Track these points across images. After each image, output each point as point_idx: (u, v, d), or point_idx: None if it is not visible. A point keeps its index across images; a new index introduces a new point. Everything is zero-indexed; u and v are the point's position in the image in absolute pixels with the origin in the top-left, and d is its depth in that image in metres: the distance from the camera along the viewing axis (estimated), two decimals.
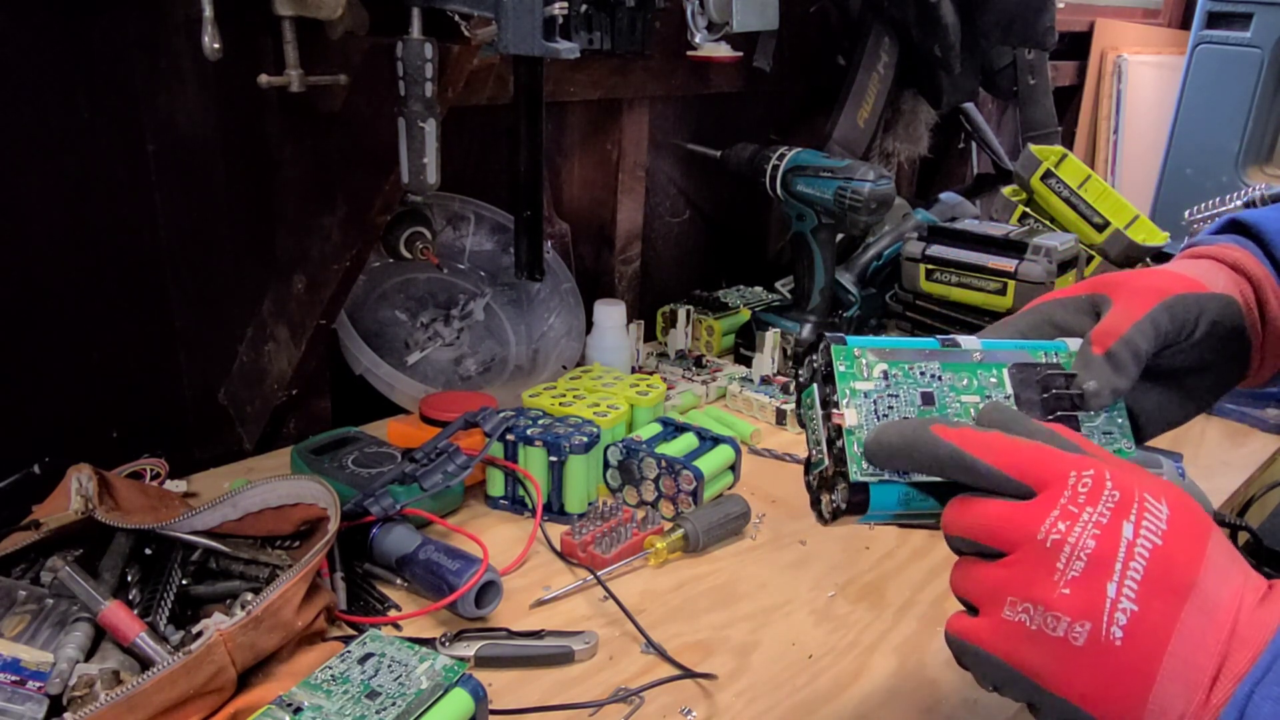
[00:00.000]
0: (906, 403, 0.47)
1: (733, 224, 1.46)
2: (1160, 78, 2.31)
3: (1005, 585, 0.39)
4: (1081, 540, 0.38)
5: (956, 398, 0.48)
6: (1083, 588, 0.37)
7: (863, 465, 0.45)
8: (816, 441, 0.49)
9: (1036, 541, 0.39)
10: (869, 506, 0.45)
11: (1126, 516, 0.38)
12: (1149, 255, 1.24)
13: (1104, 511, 0.38)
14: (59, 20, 0.75)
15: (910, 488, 0.46)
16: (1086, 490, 0.39)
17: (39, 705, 0.53)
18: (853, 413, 0.46)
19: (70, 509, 0.65)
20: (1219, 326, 0.52)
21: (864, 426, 0.46)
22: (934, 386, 0.48)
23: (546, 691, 0.62)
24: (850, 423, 0.46)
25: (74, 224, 0.80)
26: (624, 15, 1.00)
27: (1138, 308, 0.51)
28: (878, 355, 0.48)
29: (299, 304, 0.87)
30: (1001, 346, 0.50)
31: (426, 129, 0.72)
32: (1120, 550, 0.37)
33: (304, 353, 0.88)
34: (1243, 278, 0.55)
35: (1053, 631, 0.38)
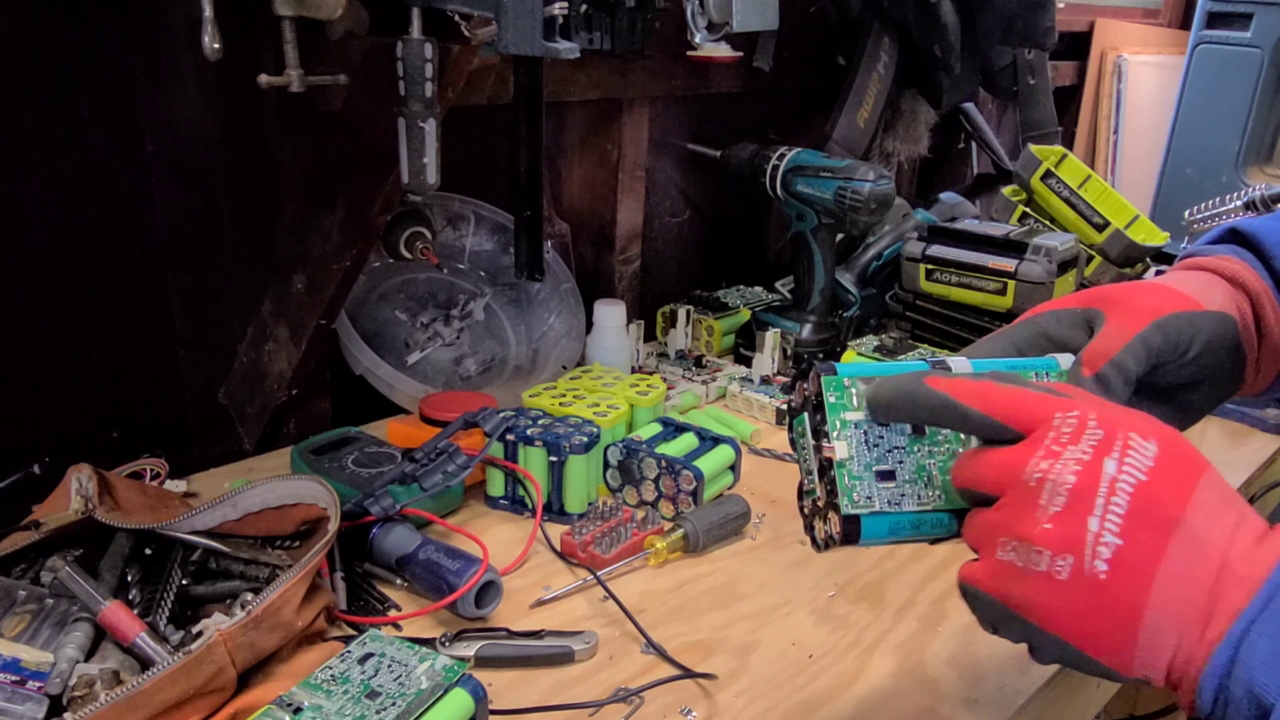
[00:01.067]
0: (897, 432, 0.47)
1: (733, 224, 1.46)
2: (1160, 78, 2.31)
3: (996, 526, 0.41)
4: (1062, 476, 0.38)
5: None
6: (1063, 522, 0.38)
7: (853, 499, 0.46)
8: (809, 470, 0.49)
9: (1021, 481, 0.40)
10: (860, 536, 0.46)
11: (1108, 454, 0.39)
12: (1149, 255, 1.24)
13: (1085, 449, 0.39)
14: (59, 20, 0.75)
15: (900, 515, 0.46)
16: (1071, 430, 0.40)
17: (39, 705, 0.53)
18: (843, 445, 0.46)
19: (70, 509, 0.65)
20: (1214, 344, 0.52)
21: (854, 459, 0.46)
22: None
23: (546, 691, 0.62)
24: (840, 455, 0.46)
25: (74, 224, 0.80)
26: (624, 15, 1.00)
27: (1130, 327, 0.51)
28: (867, 385, 0.48)
29: (299, 304, 0.87)
30: (992, 367, 0.50)
31: (426, 129, 0.72)
32: (1101, 485, 0.38)
33: (304, 353, 0.88)
34: (1240, 292, 0.55)
35: (1037, 566, 0.38)
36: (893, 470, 0.47)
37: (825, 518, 0.47)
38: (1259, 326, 0.54)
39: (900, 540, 0.48)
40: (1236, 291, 0.55)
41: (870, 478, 0.46)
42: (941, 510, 0.47)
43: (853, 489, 0.46)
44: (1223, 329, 0.53)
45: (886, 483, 0.47)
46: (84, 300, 0.82)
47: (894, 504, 0.46)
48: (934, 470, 0.47)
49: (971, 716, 0.62)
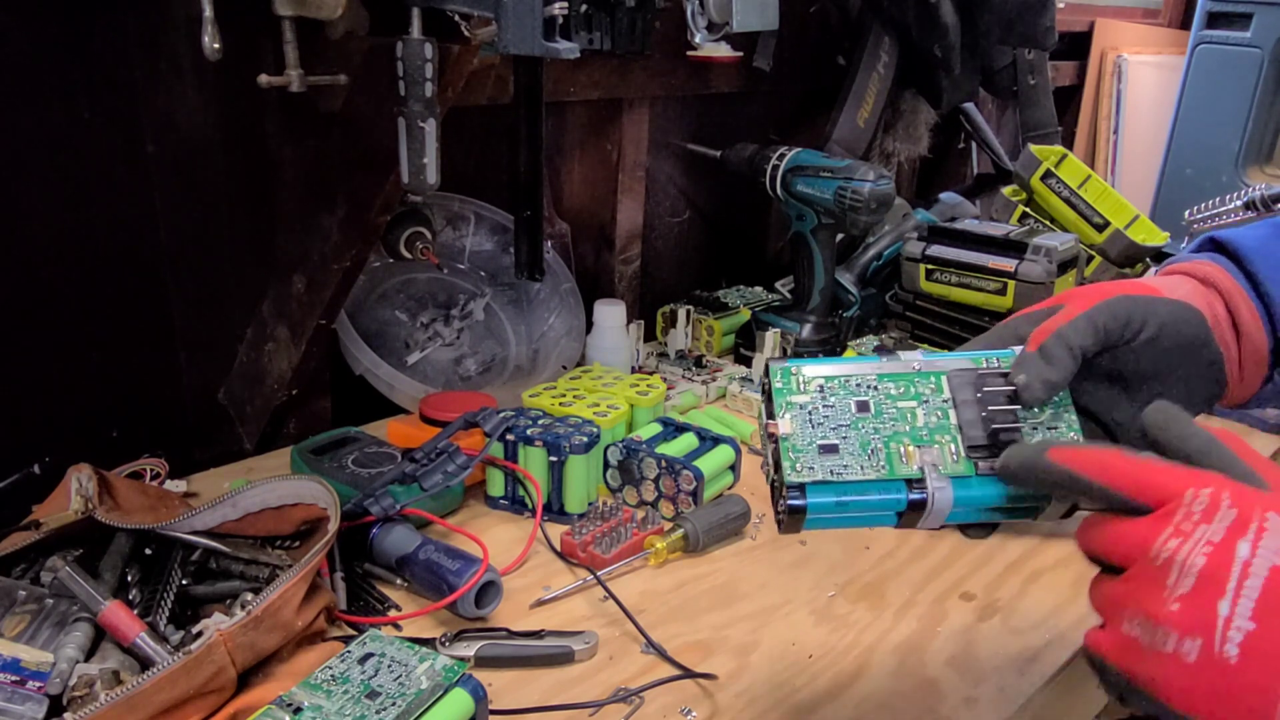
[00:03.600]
0: (841, 410, 0.49)
1: (733, 224, 1.46)
2: (1160, 78, 2.31)
3: (1122, 600, 0.40)
4: (1192, 558, 0.38)
5: (892, 404, 0.50)
6: (1192, 604, 0.37)
7: (796, 468, 0.48)
8: (766, 464, 0.51)
9: (1149, 558, 0.39)
10: (808, 506, 0.47)
11: (1242, 535, 0.38)
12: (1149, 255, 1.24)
13: (1219, 530, 0.38)
14: (59, 20, 0.75)
15: (846, 485, 0.48)
16: (1202, 509, 0.39)
17: (39, 705, 0.53)
18: (786, 421, 0.48)
19: (70, 509, 0.65)
20: (1177, 333, 0.52)
21: (797, 434, 0.48)
22: (869, 395, 0.50)
23: (546, 691, 0.62)
24: (784, 430, 0.48)
25: (74, 224, 0.80)
26: (624, 15, 1.00)
27: (1078, 309, 0.52)
28: (814, 371, 0.50)
29: (299, 304, 0.87)
30: (941, 357, 0.52)
31: (426, 129, 0.72)
32: (1234, 568, 0.37)
33: (304, 353, 0.88)
34: (1212, 291, 0.54)
35: (1164, 647, 0.38)
36: (836, 445, 0.48)
37: (781, 490, 0.48)
38: (1237, 327, 0.54)
39: (852, 516, 0.48)
40: (1208, 290, 0.54)
41: (814, 451, 0.48)
42: (888, 479, 0.48)
43: (796, 460, 0.48)
44: (1184, 316, 0.52)
45: (830, 456, 0.48)
46: (84, 300, 0.82)
47: (837, 474, 0.48)
48: (878, 443, 0.49)
49: (971, 716, 0.62)
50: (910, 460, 0.48)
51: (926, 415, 0.50)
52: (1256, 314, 0.54)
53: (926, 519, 0.49)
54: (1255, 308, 0.54)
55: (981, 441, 0.49)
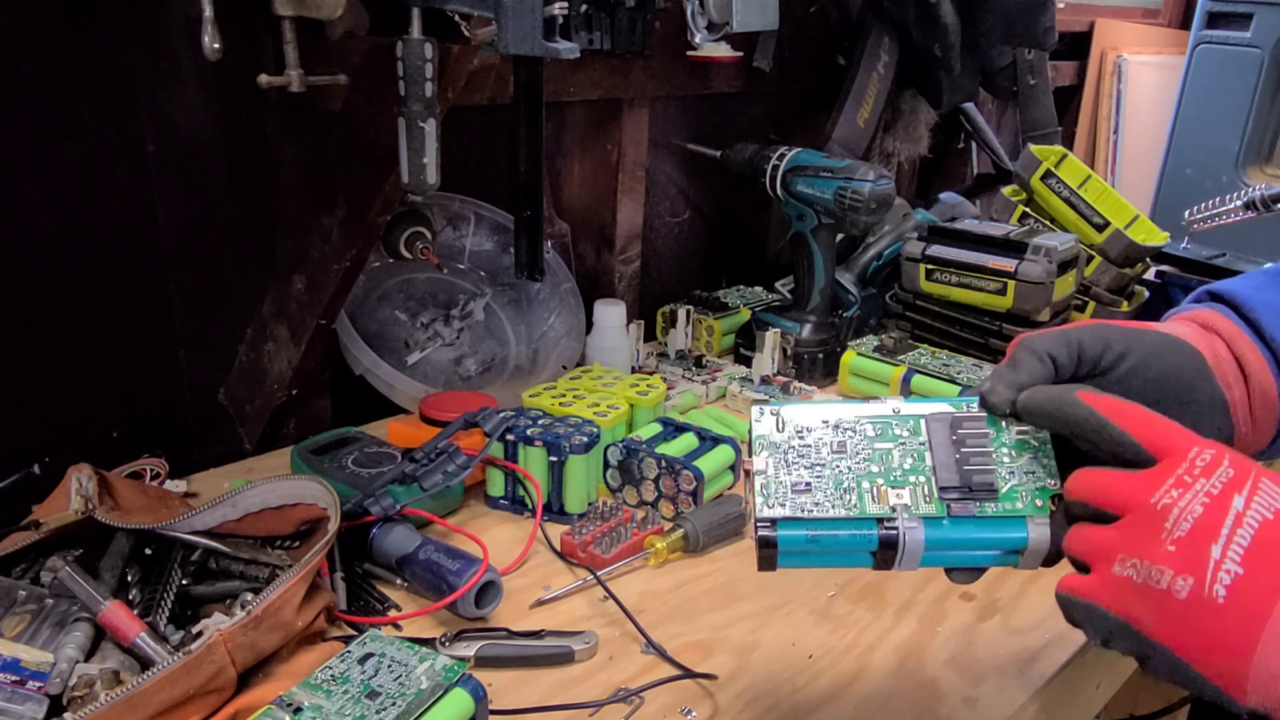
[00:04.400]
0: (817, 450, 0.51)
1: (733, 224, 1.46)
2: (1160, 78, 2.31)
3: (1116, 544, 0.42)
4: (1190, 506, 0.40)
5: (869, 445, 0.51)
6: (1187, 546, 0.40)
7: (769, 502, 0.49)
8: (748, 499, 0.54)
9: (1148, 505, 0.41)
10: (778, 541, 0.48)
11: (1239, 490, 0.40)
12: (1149, 255, 1.24)
13: (1216, 484, 0.41)
14: (59, 20, 0.75)
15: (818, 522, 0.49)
16: (1204, 464, 0.42)
17: (39, 705, 0.53)
18: (761, 458, 0.50)
19: (70, 509, 0.65)
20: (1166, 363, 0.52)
21: (771, 471, 0.50)
22: (846, 437, 0.51)
23: (546, 691, 0.62)
24: (758, 467, 0.50)
25: (74, 224, 0.80)
26: (624, 15, 1.00)
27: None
28: (794, 413, 0.52)
29: (299, 304, 0.87)
30: (923, 401, 0.53)
31: (426, 129, 0.72)
32: (1228, 518, 0.40)
33: (304, 353, 0.88)
34: (1213, 334, 0.54)
35: (1157, 584, 0.40)
36: (809, 483, 0.49)
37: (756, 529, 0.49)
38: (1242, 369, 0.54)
39: (826, 554, 0.49)
40: (1208, 334, 0.54)
41: (786, 489, 0.49)
42: (859, 518, 0.49)
43: (768, 494, 0.49)
44: (1174, 347, 0.52)
45: (803, 494, 0.49)
46: (84, 300, 0.82)
47: (808, 511, 0.49)
48: (851, 482, 0.49)
49: (971, 716, 0.62)
50: (883, 500, 0.49)
51: (902, 457, 0.50)
52: (1262, 357, 0.54)
53: (901, 560, 0.49)
54: (1260, 352, 0.54)
55: (954, 483, 0.49)
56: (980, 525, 0.49)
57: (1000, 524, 0.49)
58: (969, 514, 0.48)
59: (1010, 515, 0.48)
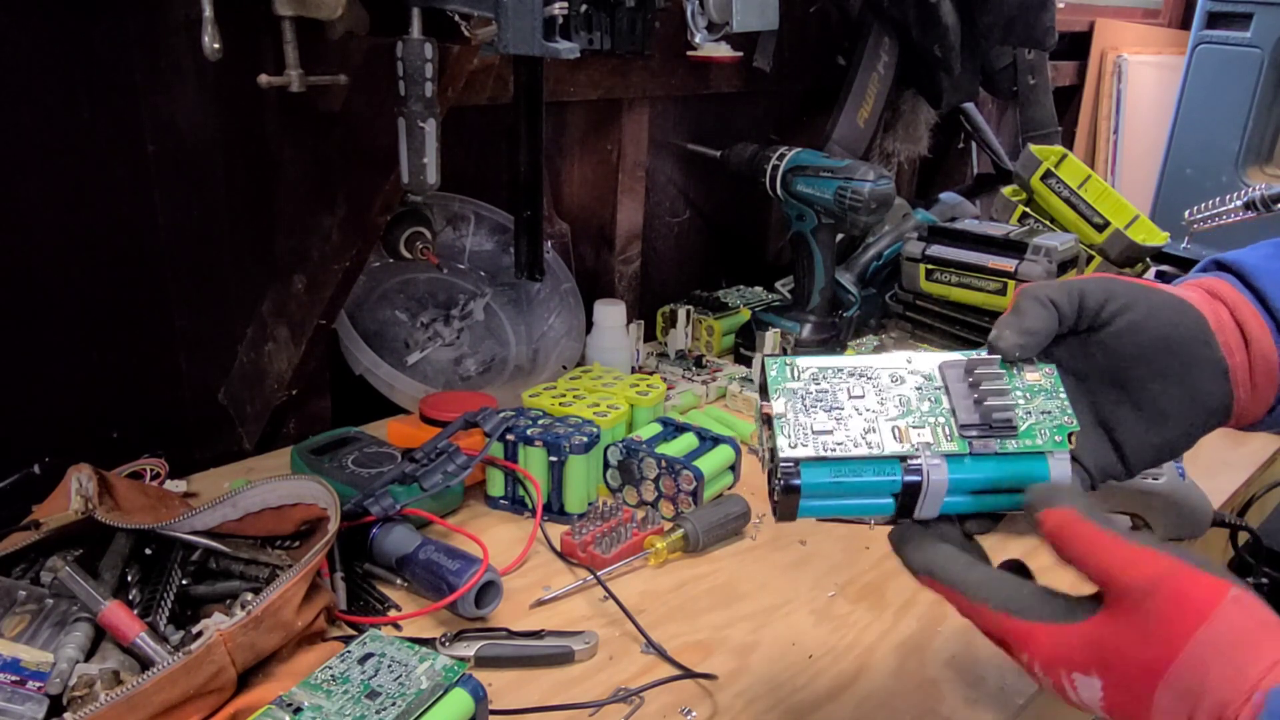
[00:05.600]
0: (834, 395, 0.49)
1: (733, 224, 1.46)
2: (1160, 78, 2.31)
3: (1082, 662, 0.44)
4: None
5: (886, 390, 0.50)
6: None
7: (790, 443, 0.47)
8: (762, 454, 0.51)
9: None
10: (802, 482, 0.47)
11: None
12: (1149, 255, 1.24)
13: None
14: (59, 20, 0.75)
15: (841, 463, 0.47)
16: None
17: (39, 705, 0.53)
18: (780, 402, 0.49)
19: (70, 509, 0.65)
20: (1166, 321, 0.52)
21: (790, 415, 0.48)
22: (864, 384, 0.50)
23: (546, 691, 0.62)
24: (777, 410, 0.48)
25: (74, 224, 0.80)
26: (624, 15, 1.00)
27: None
28: (809, 361, 0.51)
29: (299, 304, 0.87)
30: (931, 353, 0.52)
31: (426, 129, 0.72)
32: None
33: (304, 353, 0.88)
34: (1217, 300, 0.54)
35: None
36: (830, 427, 0.48)
37: (774, 477, 0.48)
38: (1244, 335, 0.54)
39: (849, 502, 0.48)
40: (1212, 299, 0.54)
41: (808, 430, 0.48)
42: (881, 457, 0.48)
43: (790, 436, 0.47)
44: (1176, 306, 0.52)
45: (824, 435, 0.48)
46: (84, 300, 0.82)
47: (831, 450, 0.47)
48: (871, 424, 0.48)
49: (971, 716, 0.62)
50: (904, 439, 0.48)
51: (919, 400, 0.50)
52: (1264, 324, 0.54)
53: (924, 502, 0.48)
54: (1264, 320, 0.54)
55: (974, 420, 0.49)
56: (1001, 462, 0.48)
57: (1022, 460, 0.49)
58: (990, 451, 0.48)
59: (1031, 451, 0.49)
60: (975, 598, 0.46)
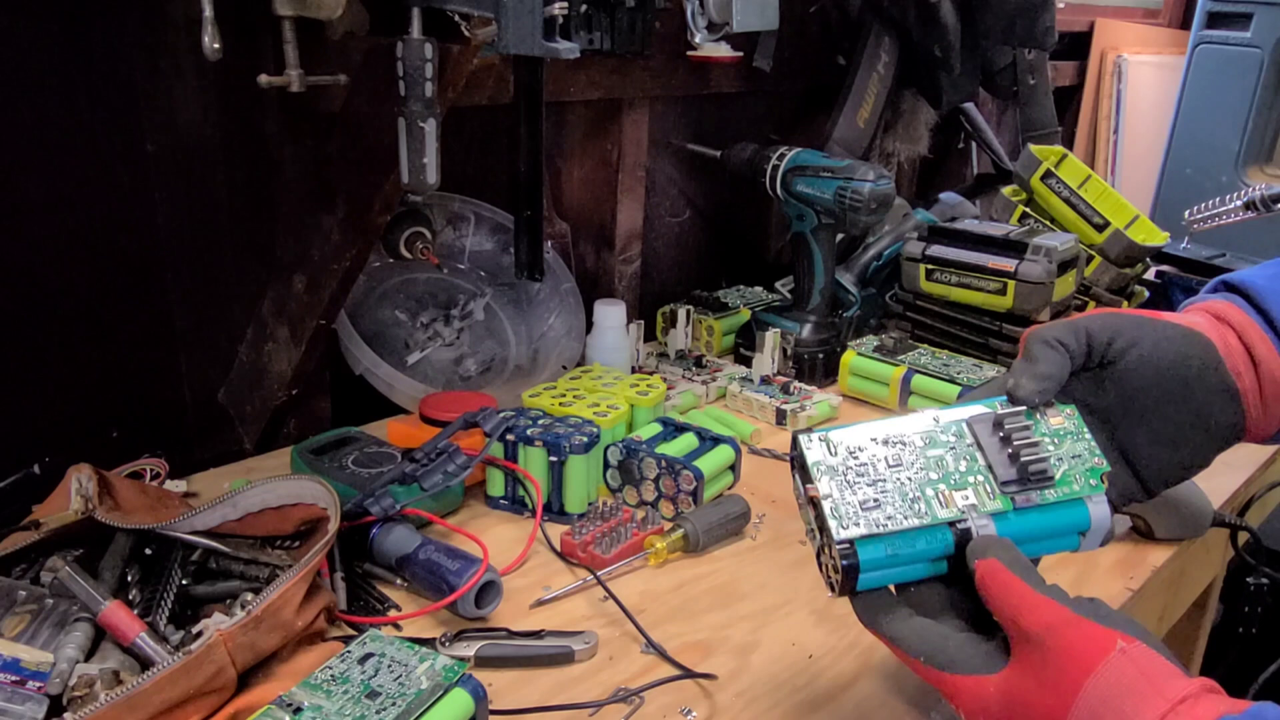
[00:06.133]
0: (873, 467, 0.51)
1: (733, 224, 1.46)
2: (1160, 78, 2.31)
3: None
4: None
5: (921, 454, 0.52)
6: None
7: (843, 524, 0.49)
8: (810, 530, 0.52)
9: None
10: (859, 563, 0.49)
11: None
12: (1149, 255, 1.24)
13: None
14: (59, 20, 0.75)
15: (894, 536, 0.49)
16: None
17: (39, 705, 0.53)
18: (825, 482, 0.50)
19: (70, 509, 0.65)
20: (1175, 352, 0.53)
21: (836, 494, 0.50)
22: (899, 450, 0.52)
23: (546, 691, 0.62)
24: (824, 492, 0.50)
25: (74, 224, 0.80)
26: (624, 15, 1.00)
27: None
28: (841, 435, 0.52)
29: (299, 304, 0.87)
30: (955, 408, 0.54)
31: (426, 129, 0.72)
32: None
33: (304, 353, 0.88)
34: (1224, 324, 0.55)
35: None
36: (877, 500, 0.50)
37: (829, 555, 0.50)
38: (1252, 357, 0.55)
39: (904, 568, 0.50)
40: (1220, 324, 0.55)
41: (855, 507, 0.50)
42: (932, 525, 0.49)
43: (841, 517, 0.49)
44: (1183, 335, 0.53)
45: (872, 510, 0.50)
46: (84, 300, 0.82)
47: (882, 525, 0.49)
48: (915, 493, 0.50)
49: None
50: (949, 504, 0.50)
51: (955, 461, 0.52)
52: (1272, 346, 0.54)
53: None
54: (1271, 341, 0.55)
55: (1013, 477, 0.51)
56: (1044, 512, 0.50)
57: (1062, 509, 0.50)
58: (1032, 504, 0.50)
59: (1070, 498, 0.50)
60: (909, 651, 0.48)
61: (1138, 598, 0.77)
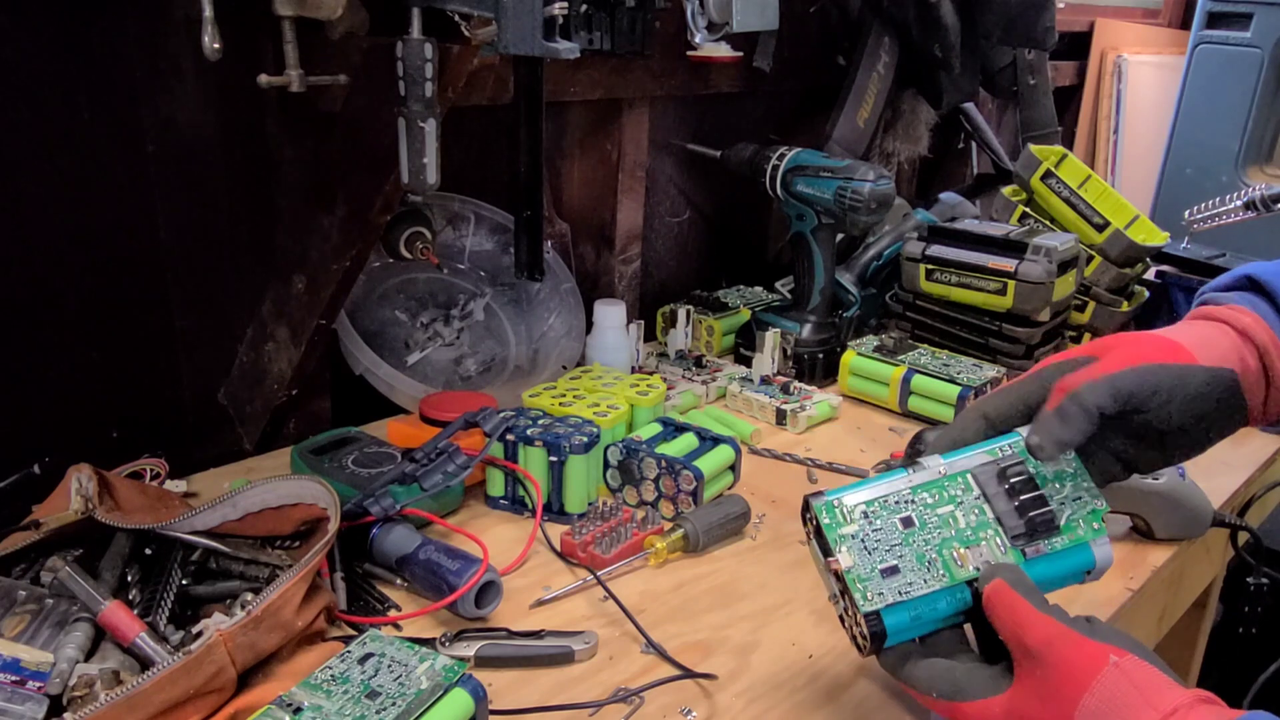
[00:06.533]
0: (889, 531, 0.53)
1: (733, 224, 1.46)
2: (1160, 78, 2.31)
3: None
4: None
5: (932, 512, 0.54)
6: None
7: (867, 596, 0.51)
8: (833, 595, 0.55)
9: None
10: (886, 630, 0.51)
11: None
12: (1149, 255, 1.24)
13: None
14: (59, 20, 0.75)
15: (916, 601, 0.51)
16: None
17: (39, 705, 0.53)
18: (846, 556, 0.53)
19: (70, 509, 0.65)
20: (1211, 399, 0.54)
21: (858, 564, 0.52)
22: (910, 510, 0.54)
23: (546, 691, 0.62)
24: (845, 565, 0.52)
25: (74, 224, 0.80)
26: (624, 15, 1.00)
27: (1106, 369, 0.53)
28: (854, 498, 0.54)
29: (299, 304, 0.87)
30: (960, 454, 0.56)
31: (426, 129, 0.72)
32: None
33: (304, 353, 0.88)
34: (1249, 344, 0.55)
35: None
36: (896, 565, 0.52)
37: (855, 619, 0.52)
38: (1267, 374, 0.55)
39: (929, 626, 0.52)
40: (1245, 343, 0.55)
41: (877, 576, 0.52)
42: (951, 585, 0.52)
43: (865, 589, 0.52)
44: (1217, 381, 0.54)
45: (893, 578, 0.52)
46: (84, 300, 0.82)
47: (904, 593, 0.51)
48: (931, 554, 0.53)
49: None
50: (965, 562, 0.52)
51: (965, 515, 0.54)
52: None
53: None
54: None
55: (1021, 530, 0.53)
56: (1052, 559, 0.53)
57: (1069, 554, 0.53)
58: (1041, 554, 0.52)
59: (1075, 544, 0.53)
60: (923, 690, 0.50)
61: (1138, 598, 0.77)
